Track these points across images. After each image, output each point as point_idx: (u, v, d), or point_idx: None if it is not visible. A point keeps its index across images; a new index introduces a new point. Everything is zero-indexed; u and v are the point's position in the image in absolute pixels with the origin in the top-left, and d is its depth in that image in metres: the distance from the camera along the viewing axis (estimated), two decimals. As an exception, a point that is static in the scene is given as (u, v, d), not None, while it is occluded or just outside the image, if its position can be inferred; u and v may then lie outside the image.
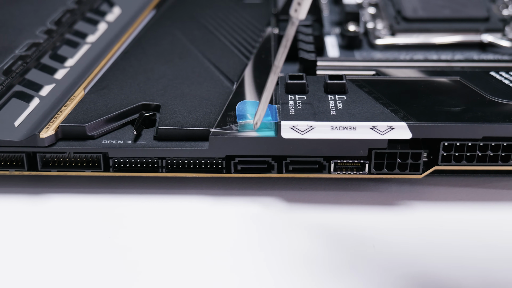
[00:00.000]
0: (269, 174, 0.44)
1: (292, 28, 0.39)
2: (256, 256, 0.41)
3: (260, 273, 0.40)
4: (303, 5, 0.38)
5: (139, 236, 0.42)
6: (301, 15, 0.39)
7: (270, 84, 0.41)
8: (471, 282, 0.39)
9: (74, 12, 0.54)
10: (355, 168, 0.44)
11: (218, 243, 0.41)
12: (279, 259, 0.40)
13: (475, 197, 0.44)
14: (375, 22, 0.57)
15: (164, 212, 0.43)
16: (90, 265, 0.40)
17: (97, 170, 0.44)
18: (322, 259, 0.40)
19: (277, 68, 0.40)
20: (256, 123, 0.42)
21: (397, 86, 0.46)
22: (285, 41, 0.40)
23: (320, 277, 0.39)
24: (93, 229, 0.42)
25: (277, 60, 0.40)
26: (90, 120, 0.44)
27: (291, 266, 0.40)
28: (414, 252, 0.41)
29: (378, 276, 0.39)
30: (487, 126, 0.42)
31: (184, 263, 0.40)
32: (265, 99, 0.41)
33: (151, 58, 0.50)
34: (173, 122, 0.44)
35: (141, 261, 0.40)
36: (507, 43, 0.54)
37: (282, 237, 0.42)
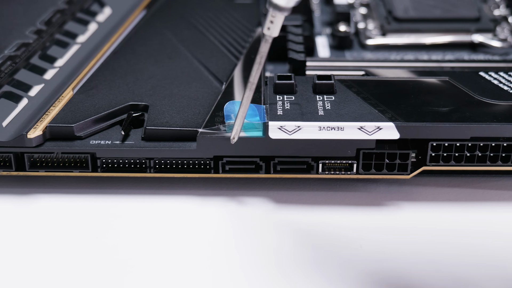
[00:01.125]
0: (257, 174, 0.44)
1: (265, 45, 0.40)
2: (244, 256, 0.41)
3: (248, 273, 0.40)
4: (275, 23, 0.40)
5: (127, 236, 0.42)
6: (274, 33, 0.40)
7: (245, 100, 0.41)
8: (458, 282, 0.39)
9: (64, 12, 0.54)
10: (343, 168, 0.44)
11: (206, 243, 0.41)
12: (267, 260, 0.40)
13: (463, 198, 0.44)
14: (366, 22, 0.56)
15: (152, 212, 0.43)
16: (78, 265, 0.40)
17: (85, 170, 0.44)
18: (310, 259, 0.40)
19: (252, 84, 0.41)
20: (234, 137, 0.42)
21: (386, 86, 0.46)
22: (259, 58, 0.40)
23: (308, 277, 0.39)
24: (81, 230, 0.42)
25: (251, 76, 0.41)
26: (78, 120, 0.44)
27: (279, 266, 0.40)
28: (401, 252, 0.41)
29: (365, 276, 0.39)
30: (474, 127, 0.42)
31: (172, 263, 0.40)
32: (241, 114, 0.41)
33: (140, 58, 0.49)
34: (161, 122, 0.44)
35: (129, 261, 0.40)
36: (498, 43, 0.54)
37: (271, 237, 0.42)
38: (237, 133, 0.42)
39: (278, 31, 0.40)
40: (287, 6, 0.39)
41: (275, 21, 0.39)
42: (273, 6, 0.39)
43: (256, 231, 0.42)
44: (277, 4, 0.39)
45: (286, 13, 0.39)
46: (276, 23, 0.39)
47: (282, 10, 0.39)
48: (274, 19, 0.39)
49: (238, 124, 0.42)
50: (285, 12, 0.39)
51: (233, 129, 0.42)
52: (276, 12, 0.39)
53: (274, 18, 0.39)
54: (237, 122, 0.42)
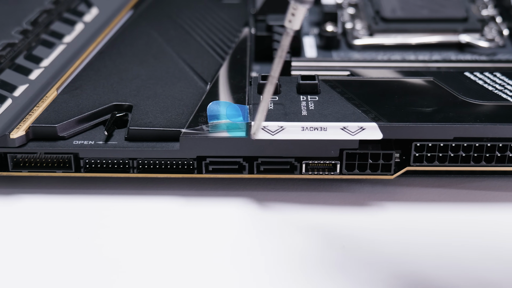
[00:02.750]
0: (240, 174, 0.44)
1: (287, 38, 0.40)
2: (227, 256, 0.40)
3: (230, 273, 0.39)
4: (297, 16, 0.39)
5: (110, 236, 0.42)
6: (295, 26, 0.39)
7: (266, 94, 0.41)
8: (442, 282, 0.39)
9: (51, 12, 0.53)
10: (327, 168, 0.44)
11: (189, 243, 0.41)
12: (250, 260, 0.40)
13: (447, 198, 0.44)
14: (354, 23, 0.56)
15: (135, 213, 0.43)
16: (60, 266, 0.40)
17: (68, 170, 0.44)
18: (292, 259, 0.40)
19: (273, 79, 0.40)
20: (254, 133, 0.42)
21: (370, 86, 0.46)
22: (280, 51, 0.40)
23: (289, 277, 0.39)
24: (64, 230, 0.42)
25: (273, 70, 0.40)
26: (61, 120, 0.44)
27: (261, 266, 0.40)
28: (383, 253, 0.41)
29: (346, 276, 0.39)
30: (458, 127, 0.42)
31: (155, 263, 0.40)
32: (262, 109, 0.41)
33: (125, 58, 0.49)
34: (145, 122, 0.44)
35: (112, 261, 0.40)
36: (485, 43, 0.54)
37: (253, 238, 0.42)
38: (258, 128, 0.41)
39: (300, 24, 0.39)
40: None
41: (297, 14, 0.39)
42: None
43: (239, 231, 0.42)
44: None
45: (308, 5, 0.38)
46: (297, 15, 0.39)
47: (303, 2, 0.38)
48: (295, 12, 0.39)
49: (258, 119, 0.41)
50: (307, 5, 0.38)
51: (254, 124, 0.42)
52: (298, 4, 0.38)
53: (295, 10, 0.39)
54: (257, 117, 0.41)
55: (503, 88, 0.45)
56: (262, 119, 0.41)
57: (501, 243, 0.41)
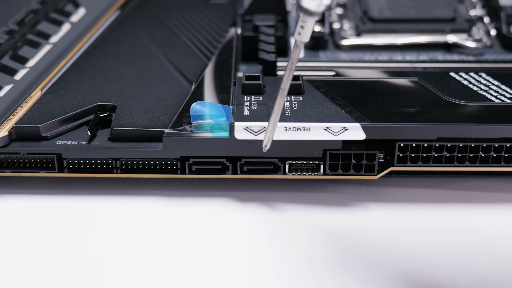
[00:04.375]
0: (224, 175, 0.44)
1: (296, 50, 0.40)
2: (209, 256, 0.40)
3: (212, 273, 0.39)
4: (306, 28, 0.39)
5: (93, 237, 0.42)
6: (305, 38, 0.39)
7: (277, 107, 0.41)
8: (425, 282, 0.39)
9: (38, 12, 0.53)
10: (310, 169, 0.44)
11: (172, 244, 0.41)
12: (233, 260, 0.40)
13: (431, 198, 0.44)
14: (342, 23, 0.56)
15: (118, 213, 0.43)
16: (42, 266, 0.40)
17: (51, 171, 0.44)
18: (275, 259, 0.40)
19: (284, 91, 0.40)
20: (266, 145, 0.42)
21: (354, 87, 0.45)
22: (290, 64, 0.40)
23: (273, 276, 0.39)
24: (46, 230, 0.42)
25: (283, 83, 0.40)
26: (45, 120, 0.44)
27: (244, 266, 0.40)
28: (366, 253, 0.40)
29: (328, 276, 0.39)
30: (441, 127, 0.42)
31: (137, 263, 0.40)
32: (273, 121, 0.41)
33: (111, 58, 0.49)
34: (128, 123, 0.44)
35: (95, 261, 0.40)
36: (472, 43, 0.54)
37: (237, 238, 0.42)
38: (269, 141, 0.41)
39: (309, 36, 0.39)
40: (317, 11, 0.38)
41: (306, 26, 0.39)
42: (304, 11, 0.38)
43: (223, 232, 0.42)
44: (307, 8, 0.38)
45: (317, 17, 0.38)
46: (307, 28, 0.39)
47: (312, 14, 0.38)
48: (304, 24, 0.39)
49: (270, 131, 0.41)
50: (316, 17, 0.38)
51: (265, 136, 0.41)
52: (307, 17, 0.38)
53: (304, 23, 0.39)
54: (269, 130, 0.41)
55: (488, 88, 0.45)
56: (273, 132, 0.41)
57: (486, 242, 0.41)
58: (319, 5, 0.38)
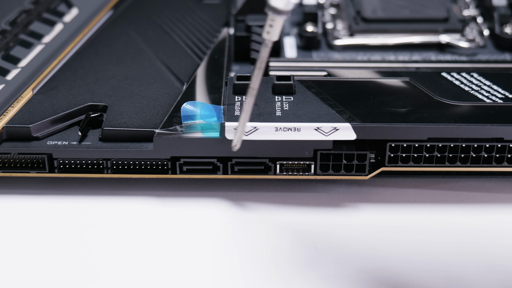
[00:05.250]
0: (215, 175, 0.44)
1: (265, 50, 0.40)
2: (202, 256, 0.40)
3: (205, 273, 0.39)
4: (275, 27, 0.39)
5: (83, 237, 0.42)
6: (274, 37, 0.39)
7: (247, 106, 0.41)
8: (416, 281, 0.39)
9: (30, 12, 0.53)
10: (301, 169, 0.44)
11: (163, 244, 0.41)
12: (225, 260, 0.40)
13: (422, 198, 0.44)
14: (335, 23, 0.56)
15: (109, 213, 0.43)
16: (32, 266, 0.40)
17: (42, 171, 0.43)
18: (266, 259, 0.40)
19: (253, 90, 0.40)
20: (235, 145, 0.42)
21: (346, 87, 0.45)
22: (259, 63, 0.40)
23: (264, 276, 0.39)
24: (37, 230, 0.42)
25: (252, 82, 0.40)
26: (35, 121, 0.44)
27: (236, 266, 0.40)
28: (357, 253, 0.40)
29: (319, 276, 0.39)
30: (431, 127, 0.42)
31: (128, 263, 0.40)
32: (242, 121, 0.41)
33: (102, 58, 0.49)
34: (119, 123, 0.44)
35: (85, 261, 0.40)
36: (465, 43, 0.54)
37: (228, 238, 0.42)
38: (239, 141, 0.41)
39: (278, 35, 0.39)
40: (285, 9, 0.38)
41: (274, 25, 0.39)
42: (272, 10, 0.38)
43: (214, 232, 0.42)
44: (276, 7, 0.38)
45: (285, 16, 0.39)
46: (275, 26, 0.39)
47: (281, 13, 0.38)
48: (273, 23, 0.39)
49: (239, 131, 0.41)
50: (284, 16, 0.39)
51: (235, 136, 0.41)
52: (275, 15, 0.39)
53: (273, 21, 0.39)
54: (238, 129, 0.41)
55: (479, 88, 0.45)
56: (242, 131, 0.41)
57: (477, 242, 0.41)
58: (287, 4, 0.38)
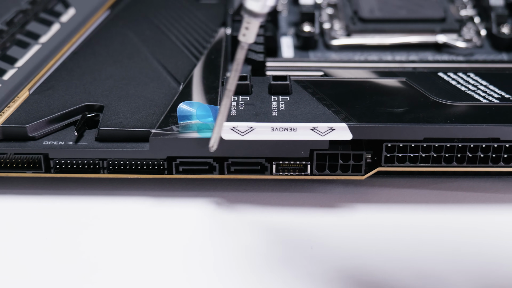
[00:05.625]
0: (211, 175, 0.44)
1: (241, 52, 0.40)
2: (196, 257, 0.40)
3: (199, 274, 0.39)
4: (251, 29, 0.39)
5: (79, 237, 0.42)
6: (249, 40, 0.39)
7: (223, 108, 0.41)
8: (409, 284, 0.39)
9: (27, 12, 0.53)
10: (297, 169, 0.44)
11: (159, 244, 0.41)
12: (219, 261, 0.40)
13: (418, 199, 0.44)
14: (332, 23, 0.56)
15: (106, 213, 0.43)
16: (28, 266, 0.40)
17: (38, 171, 0.43)
18: (263, 260, 0.40)
19: (229, 92, 0.40)
20: (212, 146, 0.42)
21: (342, 87, 0.45)
22: (235, 65, 0.40)
23: (260, 277, 0.39)
24: (33, 230, 0.42)
25: (228, 84, 0.40)
26: (32, 121, 0.44)
27: (231, 267, 0.40)
28: (352, 253, 0.40)
29: (315, 277, 0.39)
30: (427, 127, 0.42)
31: (124, 263, 0.40)
32: (219, 122, 0.41)
33: (99, 58, 0.49)
34: (115, 123, 0.44)
35: (83, 262, 0.40)
36: (462, 43, 0.54)
37: (224, 238, 0.42)
38: (216, 141, 0.41)
39: (254, 37, 0.40)
40: (261, 12, 0.39)
41: (250, 27, 0.39)
42: (248, 13, 0.39)
43: (210, 232, 0.42)
44: (251, 10, 0.38)
45: (261, 18, 0.39)
46: (251, 29, 0.39)
47: (257, 16, 0.39)
48: (249, 25, 0.39)
49: (216, 132, 0.41)
50: (260, 18, 0.39)
51: (212, 137, 0.41)
52: (251, 18, 0.39)
53: (249, 24, 0.39)
54: (215, 130, 0.41)
55: (476, 88, 0.45)
56: (219, 132, 0.41)
57: (474, 242, 0.41)
58: (263, 7, 0.38)
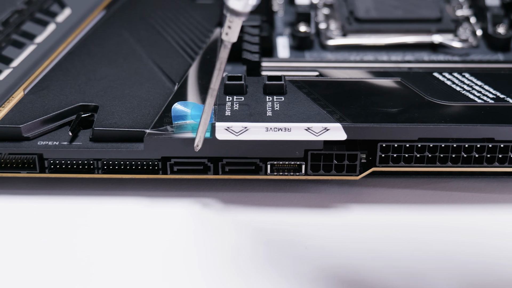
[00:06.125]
0: (205, 175, 0.44)
1: (224, 51, 0.40)
2: (191, 257, 0.40)
3: (194, 274, 0.39)
4: (233, 28, 0.39)
5: (74, 237, 0.42)
6: (232, 38, 0.40)
7: (207, 107, 0.41)
8: (403, 284, 0.39)
9: (23, 12, 0.53)
10: (292, 169, 0.44)
11: (154, 244, 0.41)
12: (215, 261, 0.40)
13: (413, 199, 0.44)
14: (328, 23, 0.56)
15: (100, 214, 0.43)
16: (22, 266, 0.40)
17: (33, 171, 0.43)
18: (254, 261, 0.40)
19: (213, 91, 0.41)
20: (197, 145, 0.42)
21: (337, 87, 0.45)
22: (218, 64, 0.40)
23: (251, 278, 0.39)
24: (28, 231, 0.42)
25: (212, 83, 0.40)
26: (26, 121, 0.44)
27: (225, 267, 0.40)
28: (344, 253, 0.40)
29: (309, 276, 0.39)
30: (422, 127, 0.42)
31: (119, 263, 0.40)
32: (203, 121, 0.41)
33: (94, 58, 0.49)
34: (110, 123, 0.44)
35: (78, 262, 0.40)
36: (458, 44, 0.54)
37: (218, 239, 0.41)
38: (201, 140, 0.41)
39: (237, 36, 0.40)
40: (244, 11, 0.39)
41: (233, 26, 0.39)
42: (230, 12, 0.39)
43: (205, 232, 0.42)
44: (234, 9, 0.39)
45: (244, 18, 0.39)
46: (233, 28, 0.39)
47: (239, 15, 0.39)
48: (231, 24, 0.39)
49: (201, 131, 0.41)
50: (242, 17, 0.39)
51: (196, 136, 0.41)
52: (233, 17, 0.39)
53: (231, 23, 0.39)
54: (200, 129, 0.41)
55: (471, 88, 0.45)
56: (203, 132, 0.41)
57: (468, 242, 0.41)
58: (245, 6, 0.38)
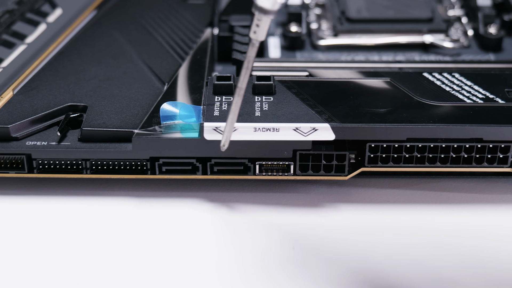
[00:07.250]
0: (194, 175, 0.44)
1: (252, 49, 0.40)
2: (180, 257, 0.40)
3: (182, 273, 0.39)
4: (261, 27, 0.39)
5: (62, 237, 0.42)
6: (260, 37, 0.39)
7: (234, 106, 0.41)
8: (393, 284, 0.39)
9: (14, 12, 0.53)
10: (281, 169, 0.44)
11: (142, 244, 0.41)
12: (203, 260, 0.40)
13: (402, 199, 0.44)
14: (320, 23, 0.56)
15: (88, 214, 0.43)
16: (10, 266, 0.40)
17: (21, 171, 0.43)
18: (245, 260, 0.40)
19: (240, 90, 0.40)
20: (223, 145, 0.41)
21: (326, 87, 0.45)
22: (246, 62, 0.40)
23: (241, 277, 0.39)
24: (16, 231, 0.42)
25: (239, 82, 0.40)
26: (15, 121, 0.44)
27: (213, 267, 0.40)
28: (334, 253, 0.40)
29: (296, 275, 0.39)
30: (410, 127, 0.42)
31: (107, 264, 0.40)
32: (230, 121, 0.41)
33: (84, 59, 0.49)
34: (98, 123, 0.44)
35: (64, 262, 0.40)
36: (449, 44, 0.54)
37: (208, 238, 0.41)
38: (227, 140, 0.41)
39: (265, 34, 0.39)
40: (272, 9, 0.38)
41: (261, 25, 0.39)
42: (259, 10, 0.38)
43: (193, 232, 0.42)
44: (262, 7, 0.38)
45: (272, 16, 0.39)
46: (262, 26, 0.39)
47: (267, 13, 0.38)
48: (260, 23, 0.39)
49: (227, 130, 0.41)
50: (271, 15, 0.38)
51: (223, 136, 0.41)
52: (262, 15, 0.39)
53: (259, 21, 0.39)
54: (226, 129, 0.41)
55: (460, 88, 0.45)
56: (231, 131, 0.41)
57: (457, 242, 0.41)
58: (274, 4, 0.38)
